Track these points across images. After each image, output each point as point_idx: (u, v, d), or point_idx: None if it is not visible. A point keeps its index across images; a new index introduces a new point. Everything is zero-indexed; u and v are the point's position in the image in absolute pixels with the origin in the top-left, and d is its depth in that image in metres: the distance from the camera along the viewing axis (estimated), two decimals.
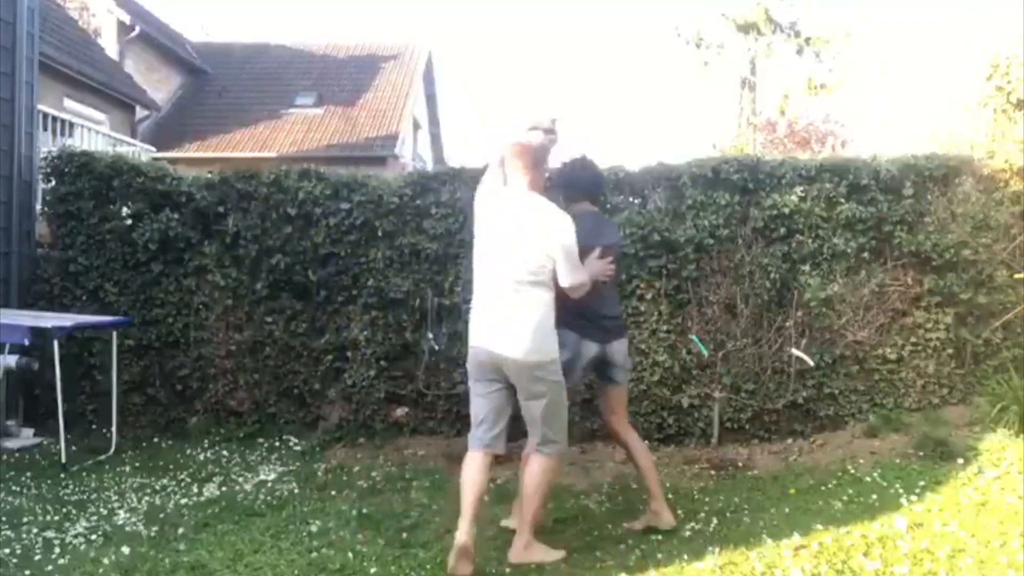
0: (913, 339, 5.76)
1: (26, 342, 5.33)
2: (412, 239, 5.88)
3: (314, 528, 3.97)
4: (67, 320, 5.44)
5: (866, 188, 5.78)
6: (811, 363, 5.60)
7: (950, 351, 5.76)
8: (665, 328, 5.74)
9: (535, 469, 3.57)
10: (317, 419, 6.03)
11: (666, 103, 42.63)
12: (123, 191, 6.08)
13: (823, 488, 4.55)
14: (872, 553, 3.45)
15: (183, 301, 6.06)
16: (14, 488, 4.70)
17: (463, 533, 3.35)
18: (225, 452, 5.56)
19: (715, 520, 4.04)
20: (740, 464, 5.27)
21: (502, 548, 3.66)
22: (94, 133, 10.11)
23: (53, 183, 6.20)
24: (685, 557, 3.48)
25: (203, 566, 3.42)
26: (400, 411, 5.91)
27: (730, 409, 5.73)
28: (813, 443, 5.58)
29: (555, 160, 4.10)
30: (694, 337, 5.66)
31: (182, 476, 5.00)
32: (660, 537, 3.80)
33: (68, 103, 12.02)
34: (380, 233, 5.88)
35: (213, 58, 19.38)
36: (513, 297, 3.49)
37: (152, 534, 3.88)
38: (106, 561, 3.46)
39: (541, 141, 3.82)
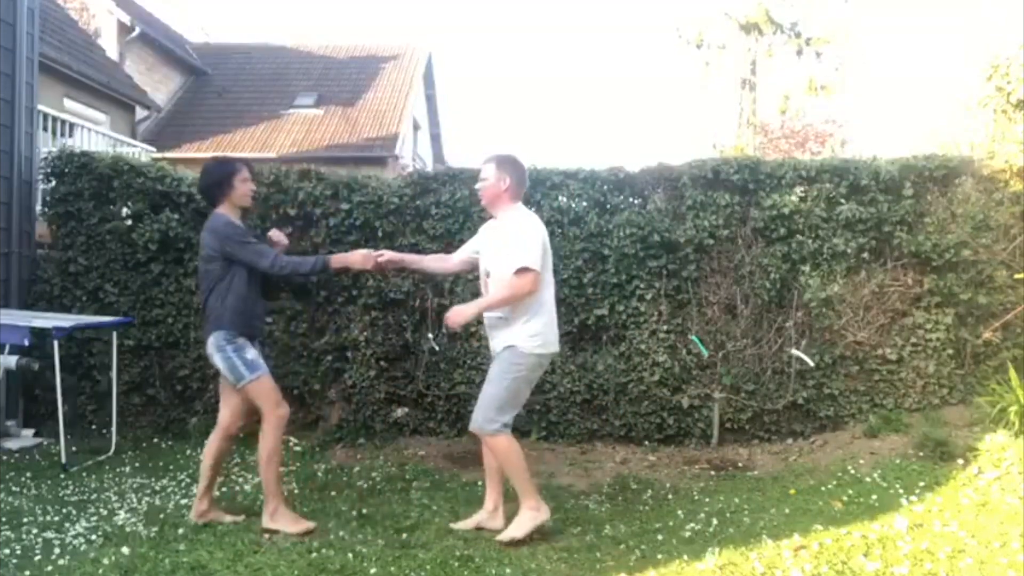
0: (913, 339, 5.76)
1: (26, 342, 5.33)
2: (412, 240, 5.88)
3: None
4: (67, 320, 5.44)
5: (866, 188, 5.78)
6: (811, 363, 5.61)
7: (950, 351, 5.76)
8: (665, 328, 5.75)
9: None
10: (317, 419, 6.02)
11: (667, 103, 42.65)
12: (123, 191, 6.08)
13: (823, 489, 4.56)
14: (872, 554, 3.45)
15: (183, 301, 6.06)
16: (14, 488, 4.70)
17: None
18: None
19: (715, 520, 4.04)
20: (740, 464, 5.27)
21: (502, 549, 3.66)
22: (94, 133, 10.12)
23: (53, 183, 6.20)
24: (685, 557, 3.48)
25: (203, 566, 3.42)
26: (400, 411, 5.91)
27: (730, 409, 5.73)
28: (813, 443, 5.58)
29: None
30: (694, 337, 5.66)
31: (182, 476, 4.99)
32: (660, 537, 3.81)
33: (68, 103, 12.02)
34: (380, 234, 5.88)
35: (213, 59, 19.37)
36: None
37: (152, 534, 3.88)
38: (106, 561, 3.46)
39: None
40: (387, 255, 4.21)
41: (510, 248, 3.83)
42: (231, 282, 3.91)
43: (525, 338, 3.83)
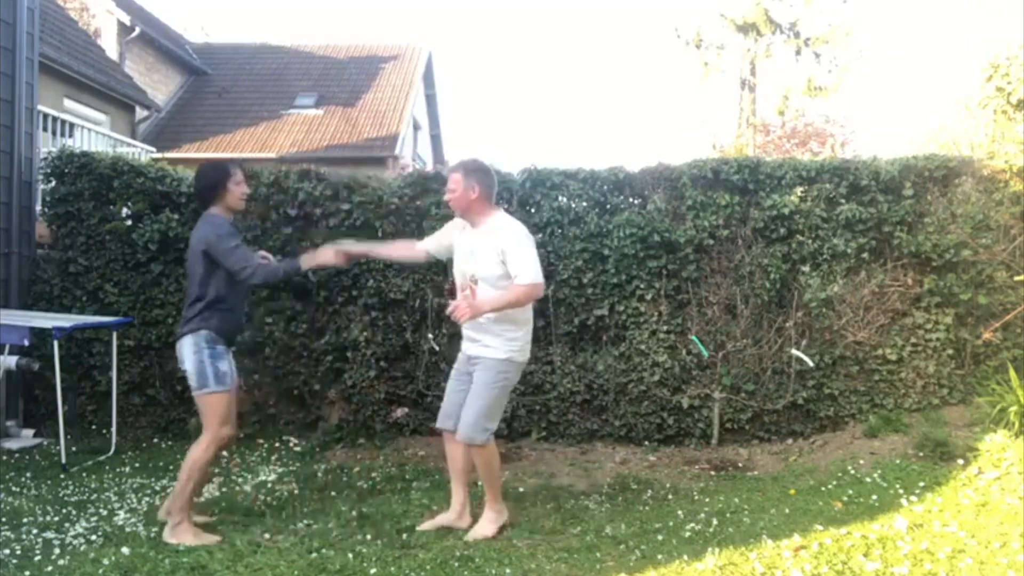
0: (913, 340, 5.76)
1: (26, 343, 5.33)
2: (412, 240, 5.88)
3: (314, 528, 3.97)
4: (67, 320, 5.44)
5: (866, 189, 5.79)
6: (811, 364, 5.61)
7: (950, 351, 5.76)
8: (665, 329, 5.75)
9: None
10: (317, 420, 6.03)
11: (666, 103, 42.65)
12: (123, 192, 6.07)
13: (823, 489, 4.56)
14: (872, 554, 3.45)
15: (183, 302, 6.04)
16: (14, 489, 4.70)
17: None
18: (225, 453, 5.54)
19: (715, 520, 4.04)
20: (740, 465, 5.27)
21: (502, 549, 3.66)
22: (94, 134, 10.12)
23: (53, 184, 6.20)
24: (685, 557, 3.48)
25: (203, 567, 3.41)
26: (400, 412, 5.91)
27: (730, 410, 5.73)
28: (813, 444, 5.58)
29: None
30: (694, 338, 5.66)
31: None
32: (660, 537, 3.81)
33: (68, 104, 12.03)
34: (380, 234, 5.88)
35: (213, 58, 19.38)
36: None
37: (152, 535, 3.87)
38: (106, 562, 3.46)
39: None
40: (353, 247, 4.31)
41: (512, 260, 3.75)
42: (217, 285, 3.87)
43: (510, 347, 3.84)
